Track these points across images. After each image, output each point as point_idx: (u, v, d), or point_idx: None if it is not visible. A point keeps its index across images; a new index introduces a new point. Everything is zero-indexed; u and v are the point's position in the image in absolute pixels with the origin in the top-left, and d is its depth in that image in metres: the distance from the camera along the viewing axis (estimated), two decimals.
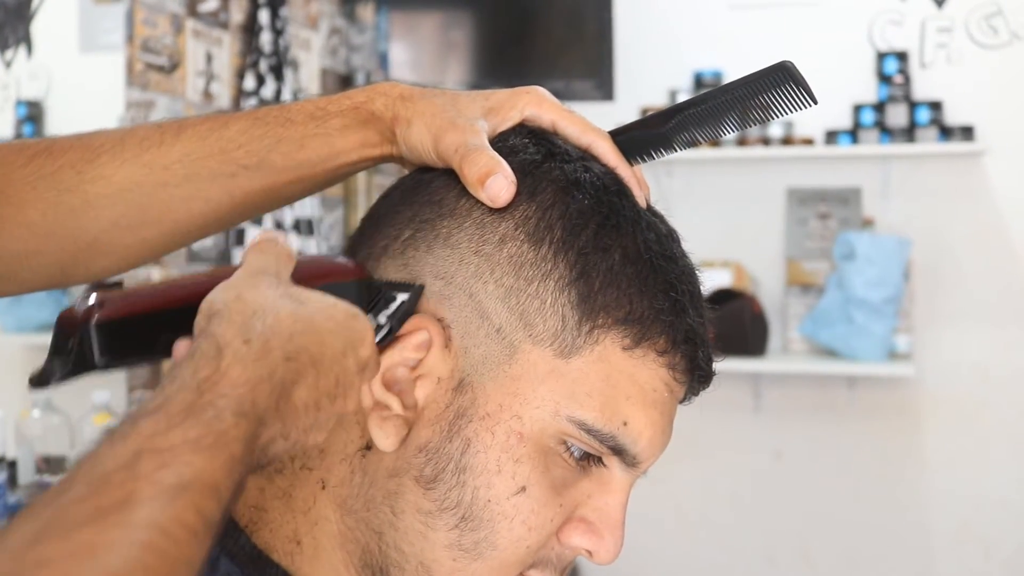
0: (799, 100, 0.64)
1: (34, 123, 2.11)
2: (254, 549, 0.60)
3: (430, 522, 0.58)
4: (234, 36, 2.48)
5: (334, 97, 0.69)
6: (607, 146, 0.66)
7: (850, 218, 3.28)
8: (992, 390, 3.16)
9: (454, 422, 0.59)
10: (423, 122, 0.65)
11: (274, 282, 0.53)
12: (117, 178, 0.68)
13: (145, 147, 0.68)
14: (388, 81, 0.70)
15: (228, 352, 0.48)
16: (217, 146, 0.68)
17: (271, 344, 0.49)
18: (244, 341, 0.48)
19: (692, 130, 0.67)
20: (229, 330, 0.49)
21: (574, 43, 3.24)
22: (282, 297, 0.52)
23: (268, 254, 0.55)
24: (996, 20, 3.17)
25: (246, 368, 0.47)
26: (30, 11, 2.10)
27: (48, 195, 0.67)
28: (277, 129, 0.68)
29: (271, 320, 0.50)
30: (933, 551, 3.22)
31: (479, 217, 0.60)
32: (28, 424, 1.83)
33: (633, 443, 0.59)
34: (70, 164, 0.68)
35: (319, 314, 0.52)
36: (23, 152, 0.68)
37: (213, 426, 0.45)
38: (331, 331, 0.52)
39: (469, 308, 0.59)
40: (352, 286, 0.59)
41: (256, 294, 0.51)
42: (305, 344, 0.50)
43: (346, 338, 0.53)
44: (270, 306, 0.50)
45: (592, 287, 0.58)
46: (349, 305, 0.54)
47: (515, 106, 0.66)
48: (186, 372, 0.47)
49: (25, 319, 2.11)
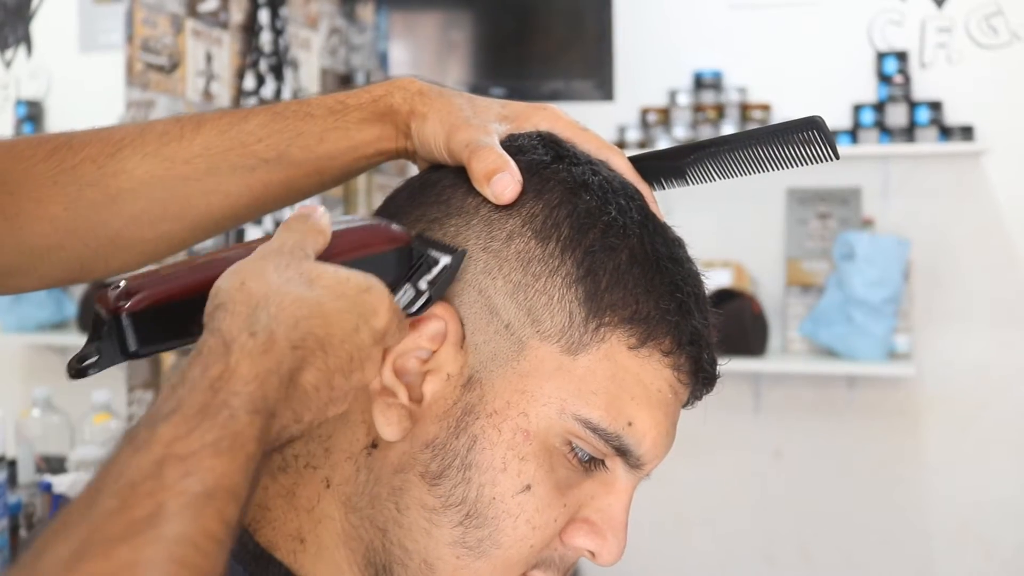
0: (822, 155, 0.64)
1: (34, 123, 2.10)
2: (257, 547, 0.61)
3: (434, 519, 0.58)
4: (234, 36, 2.48)
5: (353, 91, 0.69)
6: (623, 163, 0.66)
7: (850, 218, 3.28)
8: (992, 390, 3.16)
9: (461, 418, 0.59)
10: (438, 118, 0.65)
11: (282, 264, 0.52)
12: (139, 172, 0.68)
13: (165, 141, 0.68)
14: (408, 76, 0.70)
15: (235, 347, 0.48)
16: (237, 140, 0.68)
17: (276, 335, 0.49)
18: (250, 334, 0.48)
19: (709, 167, 0.67)
20: (235, 323, 0.49)
21: (574, 43, 3.24)
22: (288, 282, 0.51)
23: (294, 231, 0.55)
24: (996, 20, 3.17)
25: (254, 363, 0.47)
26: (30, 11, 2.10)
27: (70, 190, 0.67)
28: (297, 123, 0.68)
29: (274, 309, 0.50)
30: (933, 551, 3.22)
31: (486, 214, 0.61)
32: (28, 424, 1.83)
33: (637, 444, 0.59)
34: (91, 158, 0.67)
35: (327, 294, 0.52)
36: (42, 147, 0.68)
37: (229, 427, 0.45)
38: (340, 310, 0.52)
39: (479, 304, 0.60)
40: (391, 255, 0.58)
41: (260, 282, 0.51)
42: (310, 328, 0.50)
43: (358, 313, 0.53)
44: (274, 294, 0.50)
45: (599, 285, 0.59)
46: (363, 277, 0.54)
47: (530, 119, 0.67)
48: (195, 371, 0.47)
49: (25, 318, 2.10)
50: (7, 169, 0.67)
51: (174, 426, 0.44)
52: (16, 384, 2.03)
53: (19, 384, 2.04)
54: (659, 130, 3.33)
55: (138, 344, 0.54)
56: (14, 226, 0.67)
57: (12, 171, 0.67)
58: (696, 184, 0.69)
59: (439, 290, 0.59)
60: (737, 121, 3.28)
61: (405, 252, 0.59)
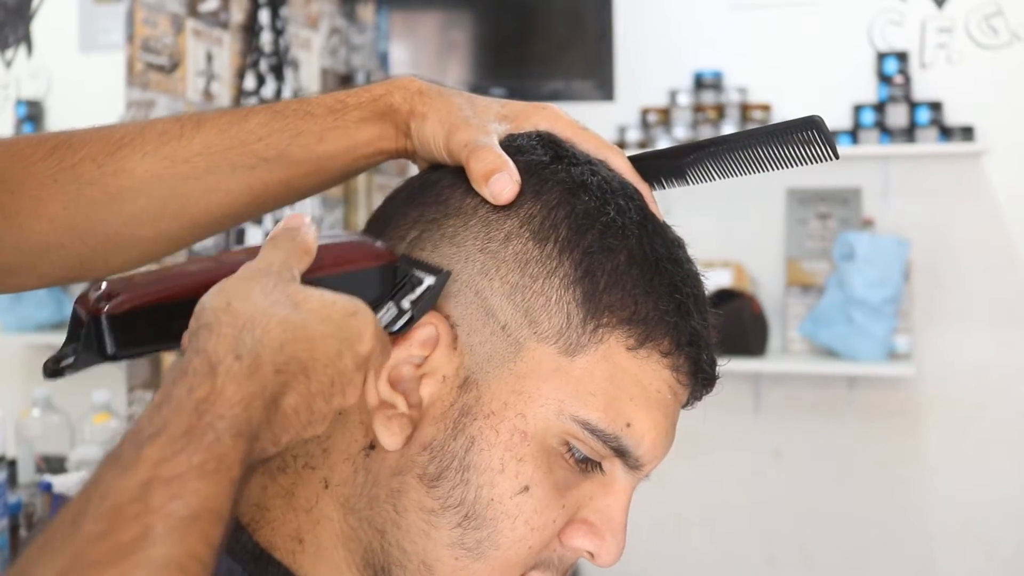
0: (822, 155, 0.63)
1: (34, 123, 2.11)
2: (256, 547, 0.61)
3: (433, 520, 0.58)
4: (234, 36, 2.48)
5: (353, 90, 0.69)
6: (622, 163, 0.66)
7: (850, 218, 3.28)
8: (992, 390, 3.16)
9: (458, 420, 0.59)
10: (438, 117, 0.65)
11: (269, 286, 0.52)
12: (139, 171, 0.67)
13: (165, 140, 0.68)
14: (407, 76, 0.70)
15: (221, 370, 0.47)
16: (237, 138, 0.68)
17: (262, 358, 0.49)
18: (235, 357, 0.48)
19: (708, 167, 0.67)
20: (221, 345, 0.48)
21: (574, 43, 3.24)
22: (274, 304, 0.51)
23: (280, 249, 0.55)
24: (996, 20, 3.17)
25: (240, 386, 0.47)
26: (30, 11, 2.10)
27: (69, 188, 0.67)
28: (297, 122, 0.68)
29: (259, 332, 0.49)
30: (933, 551, 3.22)
31: (484, 215, 0.60)
32: (28, 424, 1.83)
33: (636, 445, 0.59)
34: (90, 157, 0.67)
35: (312, 317, 0.52)
36: (42, 145, 0.68)
37: (214, 450, 0.45)
38: (325, 335, 0.52)
39: (475, 305, 0.59)
40: (375, 273, 0.59)
41: (246, 303, 0.50)
42: (295, 352, 0.50)
43: (342, 338, 0.52)
44: (259, 316, 0.50)
45: (597, 286, 0.58)
46: (349, 301, 0.54)
47: (530, 118, 0.67)
48: (180, 391, 0.47)
49: (25, 318, 2.10)
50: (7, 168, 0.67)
51: (160, 447, 0.44)
52: (16, 384, 2.03)
53: (19, 384, 2.04)
54: (659, 130, 3.33)
55: (116, 347, 0.54)
56: (14, 225, 0.67)
57: (12, 170, 0.67)
58: (696, 184, 0.68)
59: (421, 310, 0.59)
60: (737, 121, 3.28)
61: (389, 270, 0.59)
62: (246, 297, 0.51)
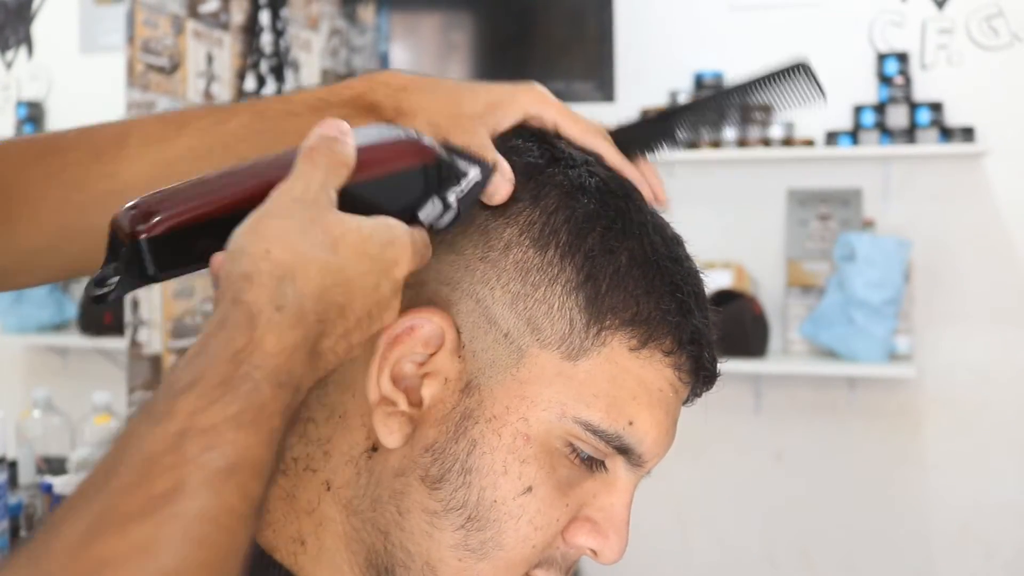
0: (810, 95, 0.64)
1: (34, 124, 2.11)
2: (257, 549, 0.60)
3: (436, 522, 0.58)
4: (235, 37, 2.48)
5: (335, 87, 0.69)
6: (610, 148, 0.66)
7: (850, 219, 3.28)
8: (992, 391, 3.16)
9: (460, 423, 0.58)
10: (426, 117, 0.65)
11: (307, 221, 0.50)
12: (125, 175, 0.68)
13: (148, 143, 0.68)
14: (388, 70, 0.70)
15: (261, 320, 0.47)
16: (220, 141, 0.68)
17: (305, 308, 0.48)
18: (276, 308, 0.47)
19: (695, 123, 0.67)
20: (261, 295, 0.47)
21: (574, 44, 3.24)
22: (313, 247, 0.50)
23: (318, 167, 0.53)
24: (997, 21, 3.17)
25: (282, 336, 0.47)
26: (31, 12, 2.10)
27: (58, 193, 0.67)
28: (280, 123, 0.68)
29: (300, 283, 0.49)
30: (933, 552, 3.22)
31: (483, 223, 0.60)
32: (28, 424, 1.83)
33: (639, 443, 0.59)
34: (77, 162, 0.68)
35: (351, 257, 0.51)
36: (31, 148, 0.68)
37: (252, 399, 0.44)
38: (363, 272, 0.51)
39: (476, 313, 0.59)
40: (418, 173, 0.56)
41: (285, 250, 0.49)
42: (333, 298, 0.50)
43: (380, 270, 0.52)
44: (299, 264, 0.49)
45: (599, 289, 0.58)
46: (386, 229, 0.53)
47: (516, 102, 0.66)
48: (217, 343, 0.46)
49: (26, 319, 2.11)
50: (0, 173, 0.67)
51: (194, 398, 0.43)
52: (16, 385, 2.03)
53: (19, 385, 2.04)
54: None
55: (157, 269, 0.53)
56: (6, 228, 0.67)
57: (4, 174, 0.67)
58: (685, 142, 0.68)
59: (468, 206, 0.57)
60: (737, 122, 3.28)
61: (432, 167, 0.57)
62: (284, 241, 0.49)
